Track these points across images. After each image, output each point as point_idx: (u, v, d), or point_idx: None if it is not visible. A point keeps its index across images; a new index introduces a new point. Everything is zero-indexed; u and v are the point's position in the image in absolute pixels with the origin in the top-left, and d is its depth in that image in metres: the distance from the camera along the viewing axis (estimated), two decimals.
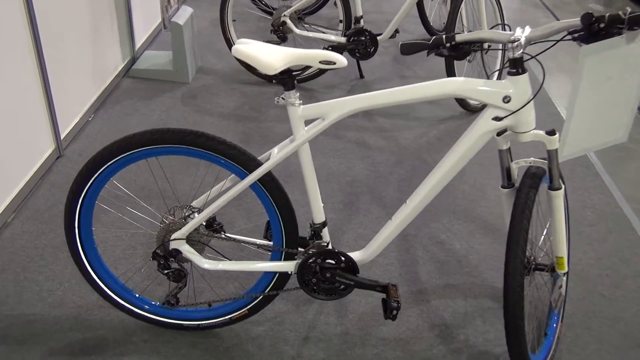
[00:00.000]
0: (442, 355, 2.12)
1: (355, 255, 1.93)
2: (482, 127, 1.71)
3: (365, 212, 2.84)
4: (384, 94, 1.69)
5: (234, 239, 1.96)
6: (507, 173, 1.88)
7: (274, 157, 1.79)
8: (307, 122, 1.79)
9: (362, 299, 2.32)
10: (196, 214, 1.90)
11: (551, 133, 1.69)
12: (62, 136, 3.17)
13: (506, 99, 1.65)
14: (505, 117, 1.67)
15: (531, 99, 1.65)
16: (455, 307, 2.34)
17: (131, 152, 1.76)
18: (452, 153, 1.76)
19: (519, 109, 1.65)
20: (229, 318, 2.05)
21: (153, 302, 2.07)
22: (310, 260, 1.87)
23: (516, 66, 1.62)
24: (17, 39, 2.70)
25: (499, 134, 1.79)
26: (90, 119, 3.56)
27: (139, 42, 4.44)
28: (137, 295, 2.05)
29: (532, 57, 1.60)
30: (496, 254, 2.64)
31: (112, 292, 2.00)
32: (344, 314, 2.26)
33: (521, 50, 1.59)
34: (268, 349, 2.08)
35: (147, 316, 2.06)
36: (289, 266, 1.91)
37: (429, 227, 2.78)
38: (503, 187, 1.92)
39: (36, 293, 2.25)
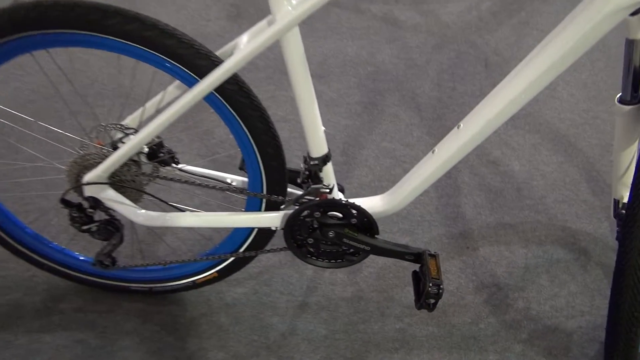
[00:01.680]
0: (492, 333, 1.51)
1: (373, 204, 1.25)
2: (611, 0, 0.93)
3: (392, 117, 2.11)
4: None
5: (193, 176, 1.29)
6: (635, 79, 1.12)
7: (240, 51, 1.06)
8: None
9: None
10: (131, 137, 1.22)
11: None
12: None
13: None
14: None
15: None
16: (512, 259, 1.69)
17: None
18: (551, 43, 1.00)
19: None
20: (193, 281, 1.45)
21: (82, 257, 1.46)
22: (304, 214, 1.21)
23: None
24: None
25: (634, 13, 1.02)
26: None
27: None
28: (57, 247, 1.44)
29: None
30: (570, 180, 1.94)
31: (19, 244, 1.39)
32: (357, 269, 1.63)
33: None
34: (248, 321, 1.49)
35: (77, 276, 1.46)
36: (272, 220, 1.25)
37: None
38: (622, 101, 1.17)
39: None
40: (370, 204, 1.25)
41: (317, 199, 1.19)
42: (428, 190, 1.86)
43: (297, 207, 1.20)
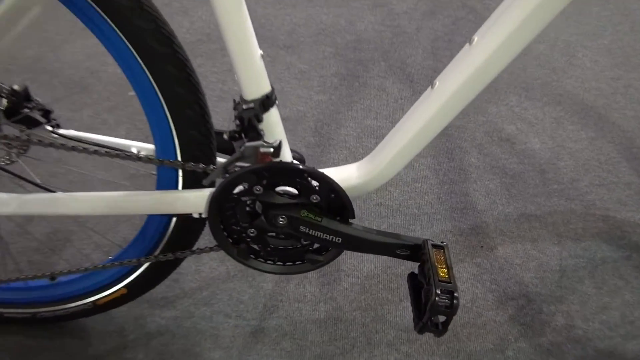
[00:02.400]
0: None
1: (345, 176, 0.82)
2: None
3: (378, 91, 1.69)
4: None
5: (76, 142, 0.86)
6: None
7: None
8: None
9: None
10: None
11: None
12: None
13: None
14: None
15: None
16: (543, 260, 1.26)
17: None
18: None
19: None
20: (92, 302, 1.00)
21: None
22: (238, 190, 0.78)
23: None
24: None
25: None
26: None
27: None
28: None
29: None
30: (606, 159, 1.51)
31: None
32: (333, 279, 1.19)
33: None
34: (179, 358, 1.04)
35: None
36: (191, 202, 0.82)
37: (485, 114, 1.63)
38: None
39: None
40: (342, 175, 0.82)
41: (256, 164, 0.76)
42: (426, 176, 1.43)
43: (225, 181, 0.77)
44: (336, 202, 0.78)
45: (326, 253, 0.84)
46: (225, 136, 0.76)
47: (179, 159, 0.80)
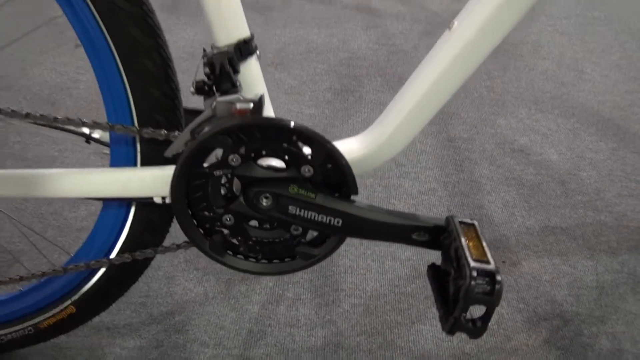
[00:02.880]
0: None
1: (344, 147, 0.66)
2: None
3: (375, 104, 1.55)
4: None
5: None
6: None
7: None
8: None
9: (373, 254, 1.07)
10: None
11: None
12: None
13: None
14: None
15: None
16: (576, 276, 1.07)
17: None
18: None
19: None
20: (33, 326, 0.80)
21: None
22: (213, 163, 0.61)
23: None
24: None
25: None
26: None
27: None
28: None
29: None
30: (632, 169, 1.36)
31: None
32: (331, 300, 1.00)
33: None
34: None
35: None
36: (153, 182, 0.65)
37: (495, 126, 1.49)
38: None
39: None
40: (340, 148, 0.66)
41: (230, 121, 0.59)
42: (434, 188, 1.26)
43: (191, 144, 0.60)
44: (334, 174, 0.62)
45: (324, 244, 0.67)
46: (191, 89, 0.60)
47: (135, 124, 0.64)
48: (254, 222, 0.66)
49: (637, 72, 1.78)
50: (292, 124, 0.58)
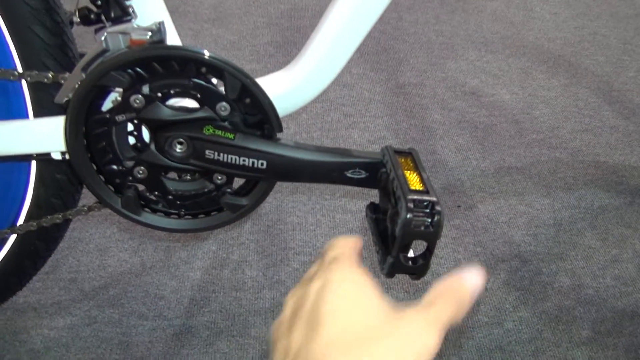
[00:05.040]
0: (529, 336, 0.84)
1: (270, 84, 0.58)
2: None
3: None
4: None
5: None
6: None
7: None
8: None
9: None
10: None
11: None
12: None
13: None
14: None
15: None
16: (533, 215, 1.04)
17: None
18: None
19: None
20: None
21: None
22: (113, 107, 0.53)
23: None
24: None
25: None
26: None
27: None
28: None
29: None
30: (585, 104, 1.33)
31: None
32: (279, 259, 0.94)
33: None
34: None
35: None
36: (46, 134, 0.56)
37: (445, 69, 1.43)
38: None
39: None
40: (266, 84, 0.58)
41: (123, 51, 0.51)
42: (384, 136, 1.20)
43: (80, 82, 0.51)
44: (254, 110, 0.54)
45: (250, 193, 0.60)
46: (74, 18, 0.52)
47: (18, 68, 0.55)
48: (172, 175, 0.59)
49: (585, 7, 1.74)
50: (194, 52, 0.50)
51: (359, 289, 0.33)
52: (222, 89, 0.53)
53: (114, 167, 0.57)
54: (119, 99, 0.53)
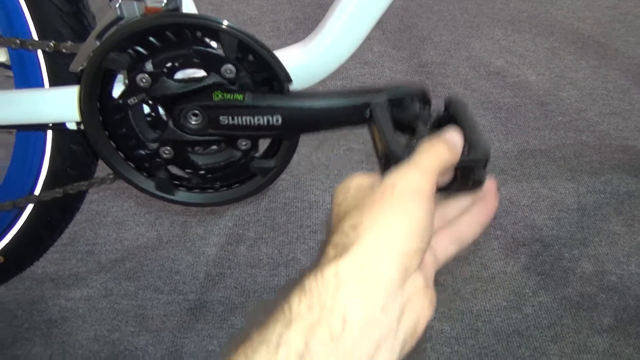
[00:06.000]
0: (548, 322, 0.82)
1: (287, 58, 0.57)
2: None
3: None
4: None
5: None
6: None
7: None
8: None
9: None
10: None
11: None
12: None
13: None
14: None
15: None
16: (556, 199, 1.01)
17: None
18: None
19: None
20: None
21: None
22: (123, 90, 0.52)
23: None
24: None
25: None
26: None
27: None
28: None
29: None
30: (614, 87, 1.29)
31: None
32: (295, 237, 0.93)
33: None
34: (91, 347, 0.77)
35: None
36: (61, 103, 0.55)
37: (469, 48, 1.39)
38: None
39: None
40: (283, 57, 0.57)
41: (126, 24, 0.49)
42: None
43: (96, 50, 0.50)
44: (259, 67, 0.53)
45: (277, 153, 0.58)
46: None
47: (34, 37, 0.54)
48: (199, 149, 0.58)
49: None
50: (213, 21, 0.49)
51: None
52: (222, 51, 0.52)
53: (141, 151, 0.56)
54: (127, 82, 0.52)
